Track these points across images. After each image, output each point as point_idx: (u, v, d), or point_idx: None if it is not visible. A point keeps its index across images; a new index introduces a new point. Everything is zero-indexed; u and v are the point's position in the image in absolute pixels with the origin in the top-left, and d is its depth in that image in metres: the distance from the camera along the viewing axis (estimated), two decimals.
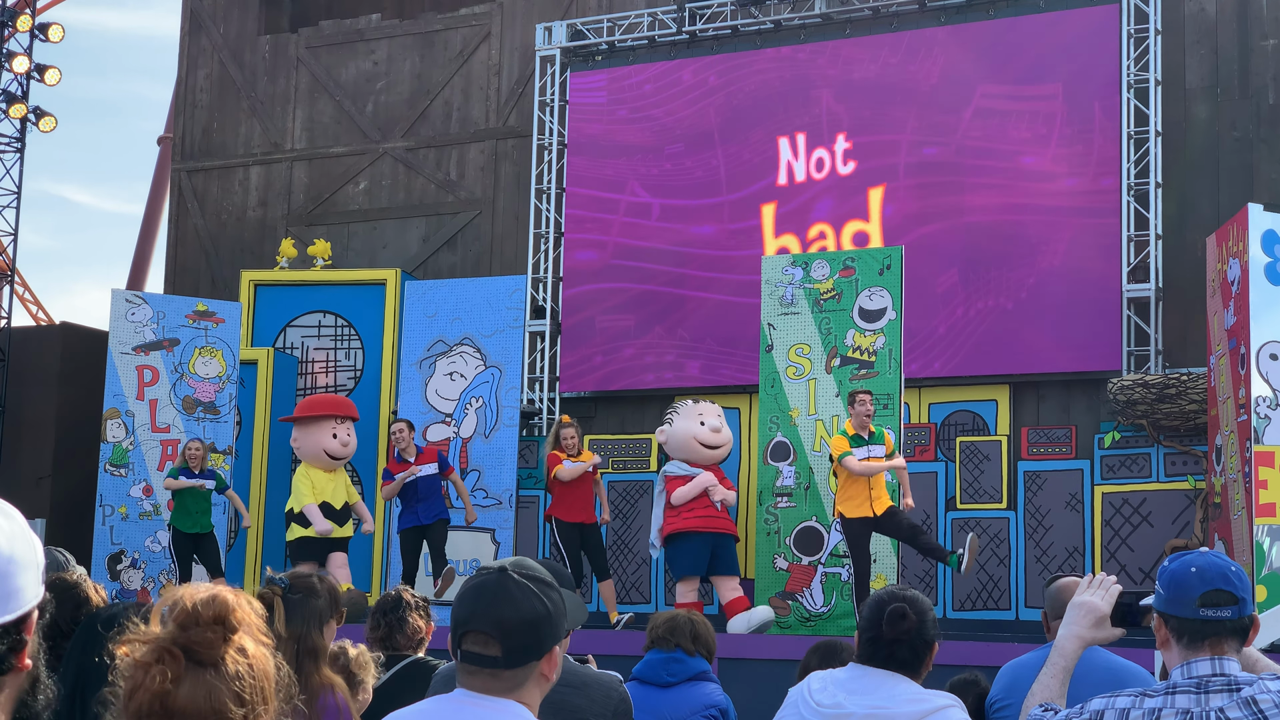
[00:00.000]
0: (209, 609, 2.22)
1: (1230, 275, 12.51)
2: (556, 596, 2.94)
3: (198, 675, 2.18)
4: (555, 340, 17.80)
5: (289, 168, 20.24)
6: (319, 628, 4.69)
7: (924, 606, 4.29)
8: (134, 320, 15.92)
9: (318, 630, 4.69)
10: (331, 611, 4.79)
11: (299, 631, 4.60)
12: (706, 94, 17.46)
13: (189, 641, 2.18)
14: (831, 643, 6.05)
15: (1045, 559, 14.75)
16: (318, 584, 4.78)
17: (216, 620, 2.21)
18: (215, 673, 2.19)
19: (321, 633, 4.70)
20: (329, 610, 4.76)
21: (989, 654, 10.57)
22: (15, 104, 20.12)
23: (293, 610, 4.62)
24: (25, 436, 19.27)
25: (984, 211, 16.02)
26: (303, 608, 4.65)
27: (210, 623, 2.20)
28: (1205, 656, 3.44)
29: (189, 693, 2.16)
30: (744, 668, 11.14)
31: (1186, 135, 15.62)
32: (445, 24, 19.67)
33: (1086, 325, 15.37)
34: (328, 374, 17.92)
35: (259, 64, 20.68)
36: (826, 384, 13.43)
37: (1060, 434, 15.20)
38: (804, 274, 13.79)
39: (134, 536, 15.65)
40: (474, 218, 18.99)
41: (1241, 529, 12.07)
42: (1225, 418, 12.66)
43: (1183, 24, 15.81)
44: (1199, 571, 3.47)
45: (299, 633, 4.60)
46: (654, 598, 16.00)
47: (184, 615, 2.21)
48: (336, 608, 4.83)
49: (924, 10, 16.75)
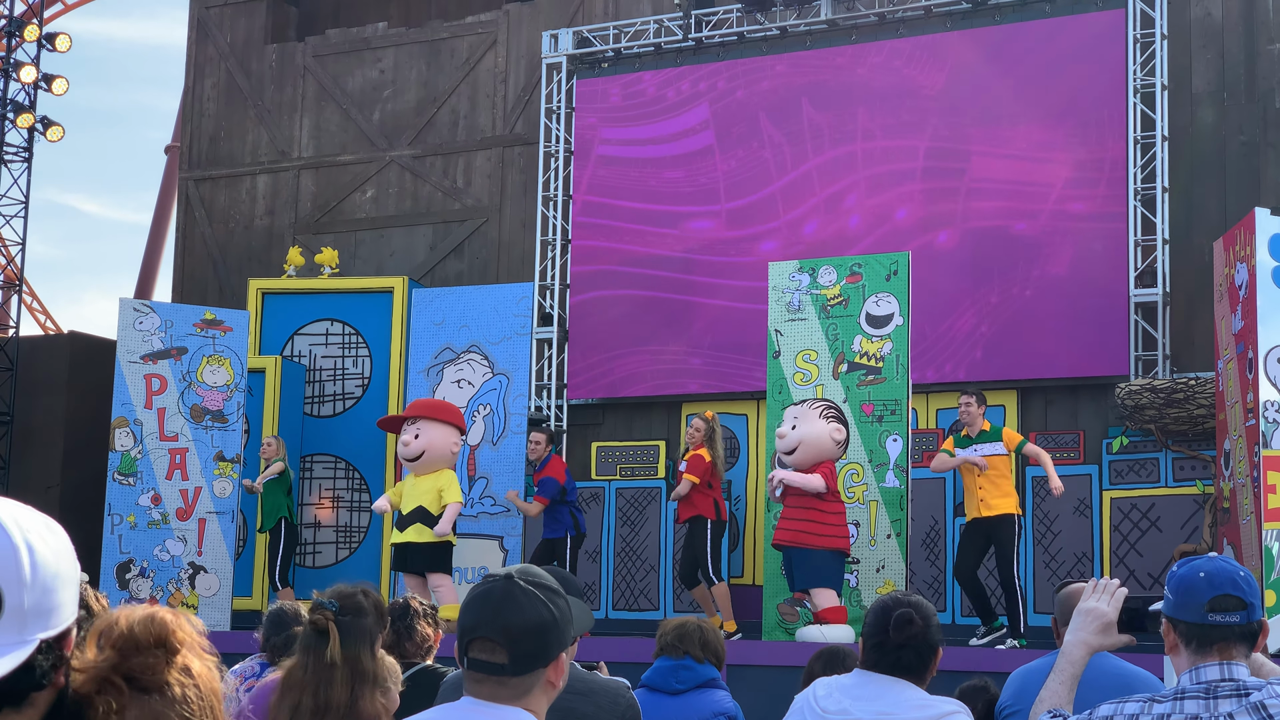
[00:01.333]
0: (148, 632, 2.14)
1: (1238, 279, 12.50)
2: (563, 603, 2.94)
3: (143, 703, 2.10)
4: (563, 347, 17.81)
5: (296, 176, 20.26)
6: (370, 648, 4.61)
7: (929, 612, 4.28)
8: (142, 329, 15.93)
9: (369, 651, 4.61)
10: (380, 628, 4.73)
11: (353, 655, 4.54)
12: (713, 100, 17.47)
13: (130, 669, 2.12)
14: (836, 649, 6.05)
15: (1054, 564, 14.73)
16: (364, 600, 4.72)
17: (157, 643, 2.15)
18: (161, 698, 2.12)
19: (373, 654, 4.62)
20: (376, 628, 4.70)
21: (998, 660, 10.57)
22: (23, 114, 20.16)
23: (345, 634, 4.54)
24: (34, 445, 19.30)
25: (990, 216, 16.02)
26: (354, 629, 4.58)
27: (151, 646, 2.15)
28: (1214, 662, 3.43)
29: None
30: (751, 674, 11.13)
31: (1193, 140, 15.61)
32: (452, 32, 19.69)
33: (1094, 330, 15.36)
34: (335, 381, 17.94)
35: (266, 72, 20.71)
36: (834, 390, 13.41)
37: (1068, 439, 15.18)
38: (811, 280, 13.79)
39: (142, 545, 15.65)
40: (481, 225, 19.00)
41: (1250, 534, 12.05)
42: (1233, 422, 12.64)
43: (1189, 29, 15.80)
44: (1207, 577, 3.47)
45: (353, 656, 4.54)
46: (663, 605, 15.99)
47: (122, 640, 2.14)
48: (383, 623, 4.77)
49: (930, 15, 16.75)
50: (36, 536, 2.00)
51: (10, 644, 1.95)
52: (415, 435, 13.39)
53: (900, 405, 13.19)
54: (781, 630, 13.30)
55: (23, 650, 1.96)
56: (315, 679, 4.50)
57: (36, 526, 2.02)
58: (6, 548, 1.96)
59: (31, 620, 1.97)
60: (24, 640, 1.96)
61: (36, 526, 2.02)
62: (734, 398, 16.84)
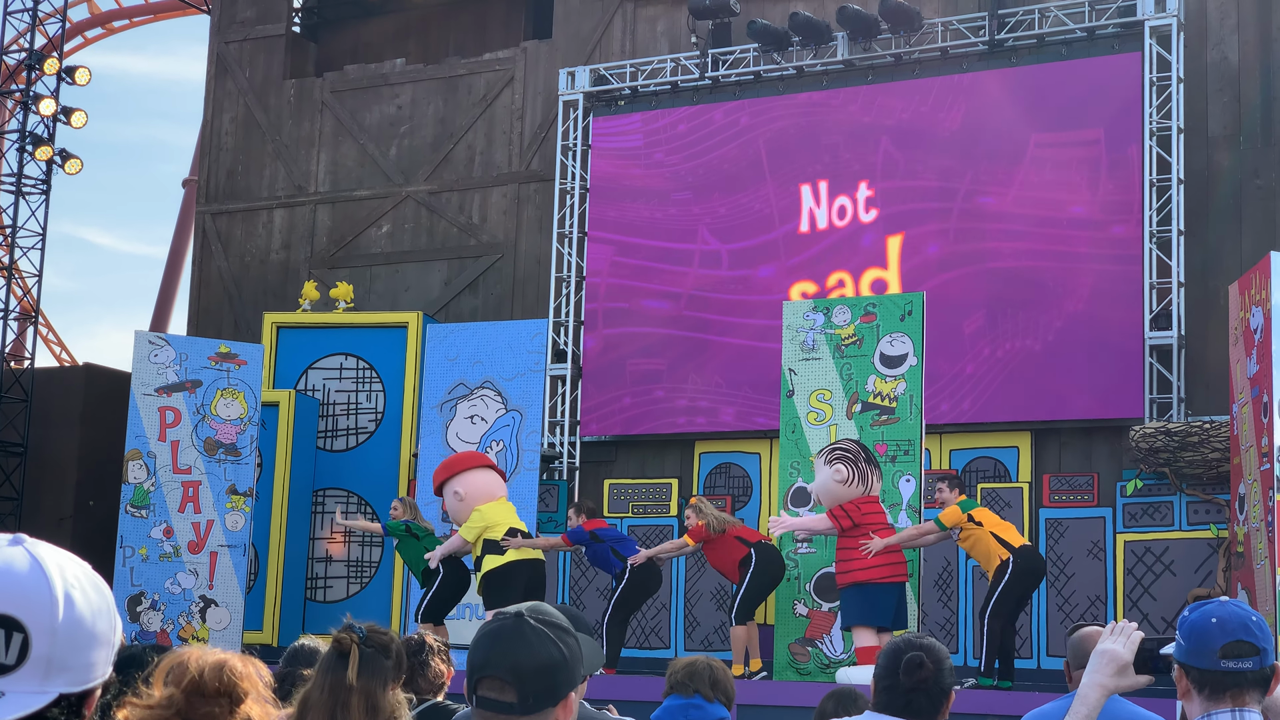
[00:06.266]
0: (215, 679, 2.14)
1: (1253, 323, 12.47)
2: (573, 642, 2.92)
3: None
4: (576, 384, 17.81)
5: (312, 210, 20.33)
6: (384, 688, 4.64)
7: (941, 654, 4.26)
8: (157, 361, 15.98)
9: (382, 690, 4.62)
10: (397, 676, 4.73)
11: (370, 687, 4.54)
12: (729, 139, 17.51)
13: (194, 715, 2.12)
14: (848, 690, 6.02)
15: (1067, 607, 14.67)
16: (390, 643, 4.73)
17: (223, 692, 2.14)
18: None
19: (385, 693, 4.65)
20: (394, 673, 4.71)
21: (1011, 703, 10.51)
22: (41, 146, 20.26)
23: (365, 664, 4.56)
24: (47, 476, 19.33)
25: (1006, 257, 16.02)
26: (375, 664, 4.59)
27: (215, 694, 2.14)
28: (1226, 708, 3.41)
29: None
30: (763, 714, 11.08)
31: (1209, 183, 15.61)
32: (469, 69, 19.78)
33: (1109, 372, 15.34)
34: (348, 416, 17.95)
35: (284, 108, 20.80)
36: (847, 429, 13.39)
37: (1082, 481, 15.14)
38: (825, 319, 13.78)
39: (154, 578, 15.66)
40: (496, 261, 19.04)
41: (1264, 578, 11.99)
42: (1248, 466, 12.59)
43: (1205, 72, 15.82)
44: (1220, 622, 3.45)
45: (370, 689, 4.54)
46: (673, 643, 15.94)
47: (190, 684, 2.14)
48: (400, 673, 4.78)
49: (946, 58, 16.79)
50: (79, 591, 1.99)
51: (28, 692, 1.93)
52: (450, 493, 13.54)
53: (914, 446, 13.16)
54: (793, 670, 13.26)
55: (38, 699, 1.94)
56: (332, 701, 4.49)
57: (82, 582, 2.01)
58: (44, 595, 1.95)
59: (56, 672, 1.95)
60: (43, 691, 1.94)
61: (82, 582, 2.01)
62: (747, 436, 16.81)
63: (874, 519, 12.32)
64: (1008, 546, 12.37)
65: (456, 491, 13.42)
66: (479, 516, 13.26)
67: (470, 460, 13.80)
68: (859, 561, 12.15)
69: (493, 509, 13.34)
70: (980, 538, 12.46)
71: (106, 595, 2.04)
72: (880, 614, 12.15)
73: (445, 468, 13.74)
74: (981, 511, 12.65)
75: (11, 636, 1.92)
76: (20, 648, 1.92)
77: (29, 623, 1.93)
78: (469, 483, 13.46)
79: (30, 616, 1.93)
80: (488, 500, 13.37)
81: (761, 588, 13.18)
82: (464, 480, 13.48)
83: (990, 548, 12.42)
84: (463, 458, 13.96)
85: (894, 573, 12.22)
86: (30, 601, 1.94)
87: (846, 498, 12.32)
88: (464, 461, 13.76)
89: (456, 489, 13.42)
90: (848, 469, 12.41)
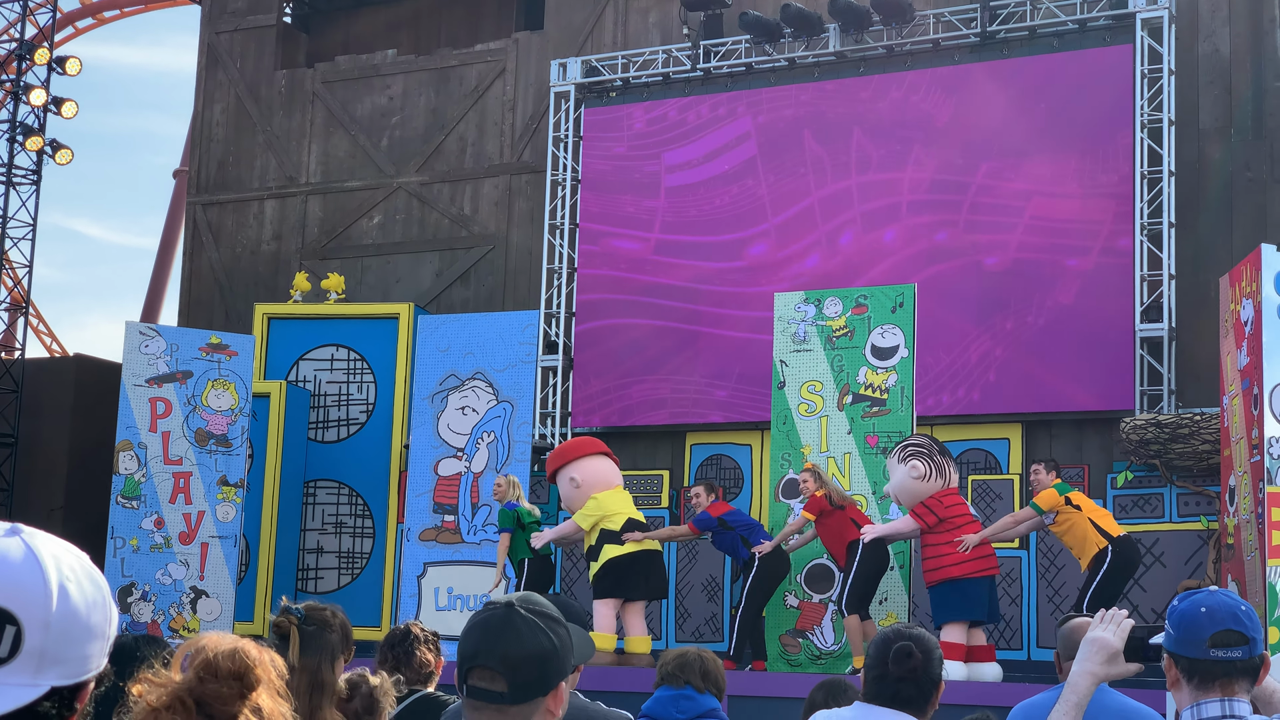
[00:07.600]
0: (229, 663, 2.16)
1: (1243, 316, 12.49)
2: (564, 632, 2.92)
3: None
4: (568, 375, 17.80)
5: (303, 201, 20.30)
6: (330, 663, 4.67)
7: (930, 645, 4.27)
8: (147, 352, 15.95)
9: (329, 665, 4.66)
10: (343, 648, 4.76)
11: (313, 664, 4.58)
12: (721, 130, 17.50)
13: (204, 694, 2.13)
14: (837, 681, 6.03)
15: (1057, 599, 14.68)
16: (331, 618, 4.76)
17: (235, 675, 2.16)
18: None
19: (333, 668, 4.68)
20: (340, 646, 4.74)
21: (1001, 694, 10.53)
22: (32, 136, 20.22)
23: (307, 642, 4.59)
24: (38, 467, 19.31)
25: (997, 249, 16.03)
26: (317, 640, 4.63)
27: (228, 677, 2.16)
28: (1215, 698, 3.42)
29: None
30: (753, 705, 11.10)
31: (1200, 175, 15.62)
32: (461, 60, 19.76)
33: (1099, 364, 15.35)
34: (340, 407, 17.94)
35: (275, 99, 20.77)
36: (838, 421, 13.40)
37: (1072, 473, 15.13)
38: (816, 311, 13.79)
39: (145, 569, 15.65)
40: (487, 252, 19.03)
41: (1254, 570, 12.02)
42: (1238, 458, 12.61)
43: (1196, 65, 15.83)
44: (1209, 611, 3.45)
45: (313, 665, 4.58)
46: (665, 635, 15.95)
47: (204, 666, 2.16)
48: (348, 645, 4.80)
49: (938, 49, 16.79)
50: (74, 584, 1.98)
51: (19, 684, 1.92)
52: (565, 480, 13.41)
53: (904, 437, 13.18)
54: (784, 661, 13.28)
55: (29, 692, 1.93)
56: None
57: (77, 574, 2.00)
58: (39, 588, 1.94)
59: (49, 665, 1.94)
60: (35, 684, 1.93)
61: (77, 574, 2.00)
62: (738, 428, 16.82)
63: (956, 511, 12.24)
64: (1105, 535, 12.14)
65: (573, 478, 13.27)
66: (596, 505, 13.06)
67: (587, 446, 13.67)
68: (951, 557, 12.03)
69: (610, 497, 13.18)
70: (1077, 523, 12.21)
71: (103, 587, 2.03)
72: (975, 608, 12.05)
73: (560, 454, 13.57)
74: (1079, 495, 12.45)
75: (4, 629, 1.91)
76: (13, 640, 1.91)
77: (22, 615, 1.91)
78: (586, 469, 13.31)
79: (24, 609, 1.92)
80: (605, 488, 13.22)
81: (869, 577, 12.55)
82: (581, 466, 13.31)
83: (1087, 535, 12.16)
84: (579, 443, 13.85)
85: (985, 566, 12.13)
86: (24, 593, 1.92)
87: (926, 493, 12.18)
88: (580, 447, 13.62)
89: (573, 475, 13.26)
90: (923, 464, 12.25)
